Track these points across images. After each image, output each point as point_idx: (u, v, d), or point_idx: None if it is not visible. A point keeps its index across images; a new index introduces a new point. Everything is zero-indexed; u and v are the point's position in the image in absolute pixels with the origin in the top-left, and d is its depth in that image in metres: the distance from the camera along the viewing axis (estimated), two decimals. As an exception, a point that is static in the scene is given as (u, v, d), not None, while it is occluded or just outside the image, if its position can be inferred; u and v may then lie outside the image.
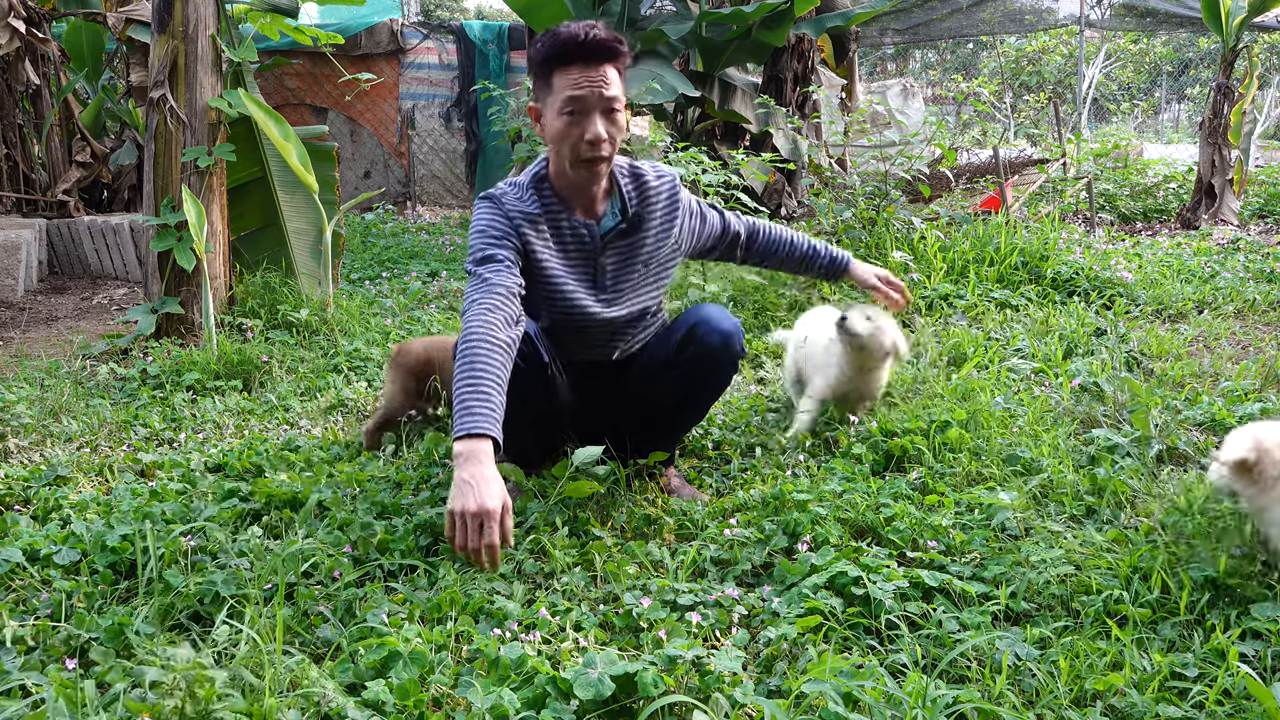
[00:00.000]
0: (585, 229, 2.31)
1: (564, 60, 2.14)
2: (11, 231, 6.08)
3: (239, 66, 4.43)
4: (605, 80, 2.15)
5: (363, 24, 10.24)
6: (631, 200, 2.35)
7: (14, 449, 2.94)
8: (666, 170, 2.44)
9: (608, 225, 2.33)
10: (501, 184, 2.32)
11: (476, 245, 2.21)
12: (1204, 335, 3.91)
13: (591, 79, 2.13)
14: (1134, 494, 2.26)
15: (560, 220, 2.30)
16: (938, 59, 25.59)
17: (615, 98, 2.17)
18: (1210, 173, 7.78)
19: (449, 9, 22.43)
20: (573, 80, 2.13)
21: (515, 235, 2.23)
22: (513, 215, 2.25)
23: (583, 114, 2.15)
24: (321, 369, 3.75)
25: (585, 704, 1.47)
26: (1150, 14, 11.06)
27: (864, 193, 4.99)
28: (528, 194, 2.29)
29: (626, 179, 2.37)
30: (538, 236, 2.27)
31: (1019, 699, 1.54)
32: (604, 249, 2.34)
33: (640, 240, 2.38)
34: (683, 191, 2.47)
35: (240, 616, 1.79)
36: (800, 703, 1.50)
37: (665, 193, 2.40)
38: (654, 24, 8.16)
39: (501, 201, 2.27)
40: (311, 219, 4.70)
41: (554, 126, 2.19)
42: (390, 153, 10.70)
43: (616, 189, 2.35)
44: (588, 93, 2.13)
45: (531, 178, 2.31)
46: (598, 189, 2.33)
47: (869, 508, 2.19)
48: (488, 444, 1.83)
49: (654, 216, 2.38)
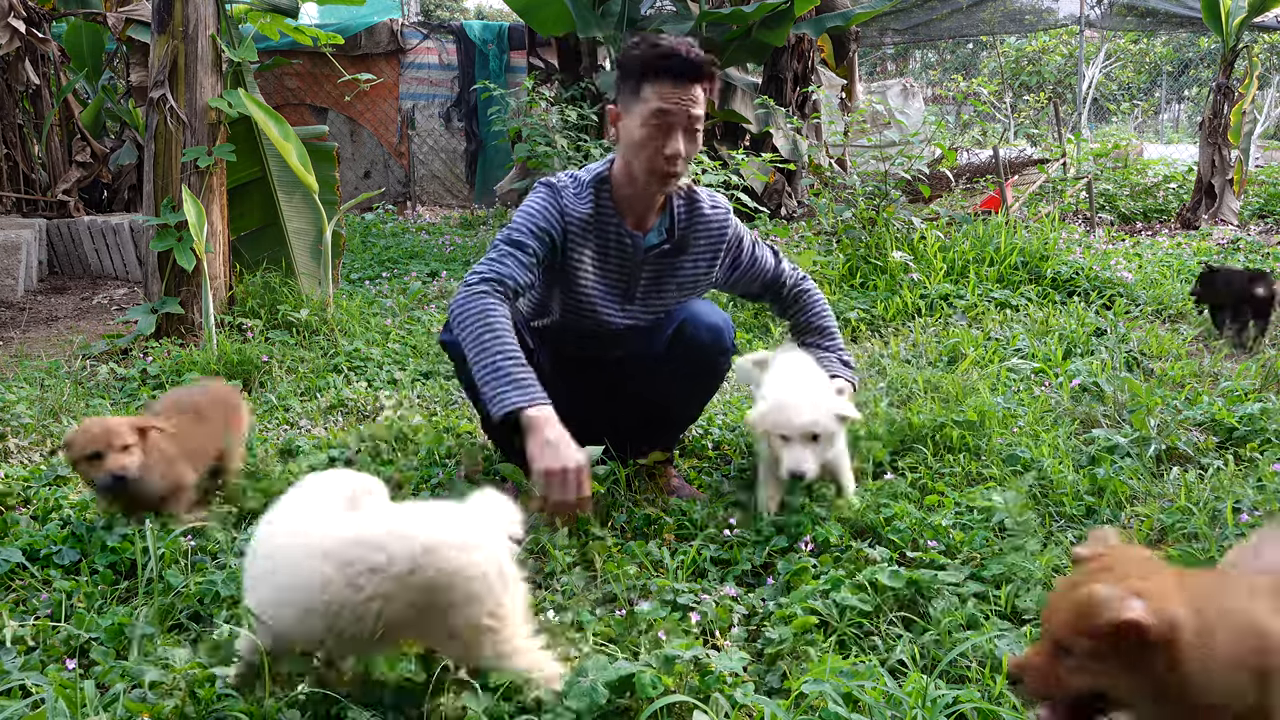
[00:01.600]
0: (630, 239, 2.32)
1: (660, 72, 2.14)
2: (11, 231, 6.08)
3: (239, 66, 4.42)
4: (695, 99, 2.17)
5: (363, 24, 10.24)
6: (681, 222, 2.36)
7: (14, 449, 2.93)
8: (723, 202, 2.44)
9: (652, 241, 2.34)
10: (564, 175, 2.34)
11: (518, 223, 2.24)
12: (1204, 335, 3.91)
13: (683, 96, 2.15)
14: (1134, 494, 2.26)
15: (609, 226, 2.31)
16: (938, 59, 25.58)
17: (700, 117, 2.19)
18: (1210, 173, 7.78)
19: (449, 9, 22.43)
20: (665, 93, 2.14)
21: (560, 230, 2.25)
22: (566, 211, 2.27)
23: (669, 128, 2.16)
24: (321, 369, 3.75)
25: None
26: (1150, 14, 11.06)
27: (864, 193, 4.99)
28: (586, 192, 2.30)
29: (681, 201, 2.37)
30: (582, 237, 2.29)
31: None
32: (643, 263, 2.35)
33: (680, 263, 2.39)
34: (737, 228, 2.45)
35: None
36: (800, 703, 1.50)
37: (717, 223, 2.40)
38: (654, 24, 8.16)
39: (560, 194, 2.29)
40: (311, 219, 4.70)
41: (636, 134, 2.18)
42: (390, 153, 10.70)
43: (669, 208, 2.35)
44: (677, 108, 2.14)
45: (594, 177, 2.31)
46: (655, 203, 2.34)
47: (869, 508, 2.19)
48: (549, 409, 1.95)
49: (699, 243, 2.39)
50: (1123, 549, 1.23)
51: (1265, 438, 2.54)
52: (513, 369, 1.98)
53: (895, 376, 3.26)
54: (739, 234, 2.46)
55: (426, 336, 4.23)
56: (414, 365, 3.83)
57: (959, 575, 1.89)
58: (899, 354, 3.67)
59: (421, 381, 3.63)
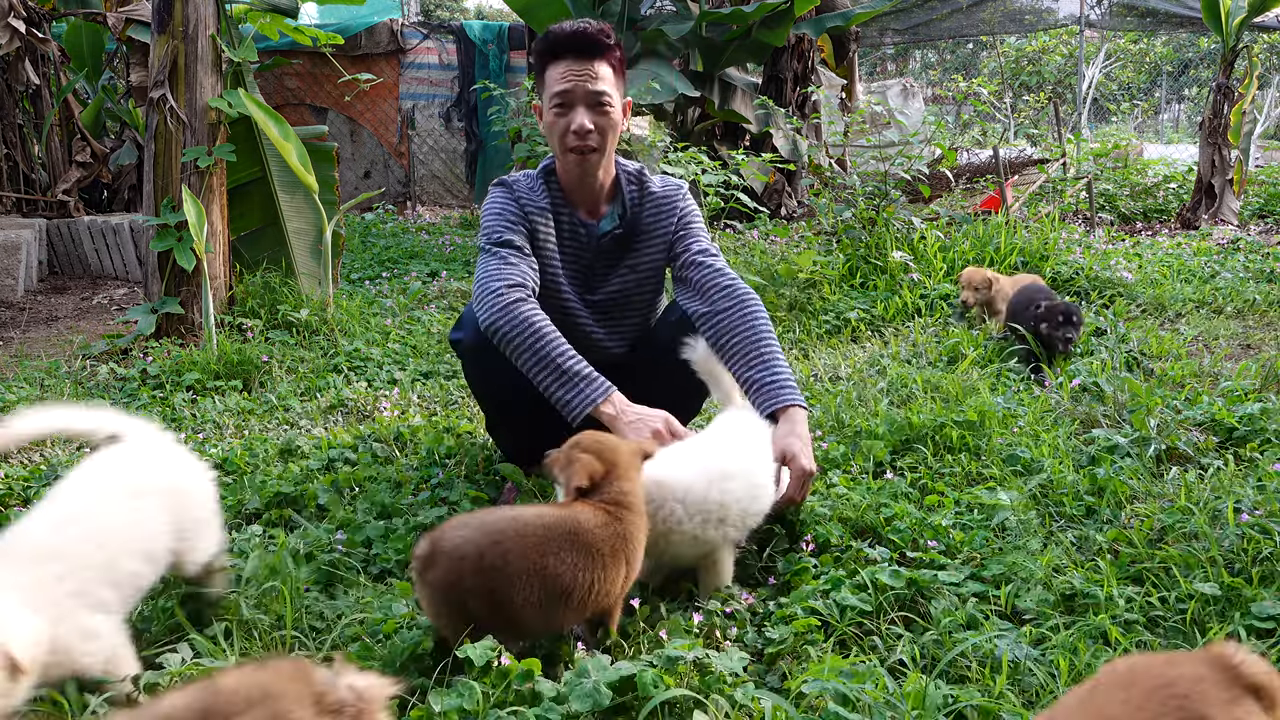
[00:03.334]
0: (584, 228, 2.36)
1: (554, 55, 2.22)
2: (11, 231, 6.08)
3: (239, 66, 4.42)
4: (593, 75, 2.21)
5: (363, 24, 10.24)
6: (632, 205, 2.37)
7: (14, 449, 2.93)
8: (674, 181, 2.46)
9: (605, 227, 2.37)
10: (516, 173, 2.40)
11: (493, 226, 2.28)
12: (1204, 335, 3.91)
13: (578, 72, 2.20)
14: (1134, 494, 2.26)
15: (562, 214, 2.37)
16: (938, 59, 25.58)
17: (603, 92, 2.22)
18: (1210, 173, 7.77)
19: (449, 9, 22.43)
20: (560, 74, 2.21)
21: (526, 221, 2.31)
22: (524, 202, 2.32)
23: (569, 106, 2.22)
24: (321, 369, 3.75)
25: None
26: (1150, 14, 11.06)
27: (864, 193, 4.99)
28: (538, 184, 2.36)
29: (632, 185, 2.40)
30: (544, 226, 2.34)
31: (1019, 699, 1.54)
32: (598, 250, 2.36)
33: (635, 247, 2.40)
34: (686, 202, 2.44)
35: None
36: (800, 702, 1.50)
37: (666, 199, 2.41)
38: (654, 24, 8.16)
39: (514, 188, 2.35)
40: (311, 219, 4.70)
41: (546, 120, 2.28)
42: (390, 153, 10.70)
43: (620, 194, 2.37)
44: (574, 85, 2.20)
45: (542, 169, 2.38)
46: (599, 188, 2.36)
47: (869, 508, 2.19)
48: (615, 394, 2.07)
49: (651, 224, 2.40)
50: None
51: (1265, 438, 2.53)
52: (573, 366, 2.06)
53: (895, 376, 3.26)
54: (690, 207, 2.43)
55: (426, 336, 4.23)
56: (414, 365, 3.83)
57: (959, 575, 1.89)
58: (899, 354, 3.67)
59: (421, 381, 3.63)
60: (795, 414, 2.03)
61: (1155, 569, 1.87)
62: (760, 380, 2.07)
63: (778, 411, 2.03)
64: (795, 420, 2.02)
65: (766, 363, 2.09)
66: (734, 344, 2.13)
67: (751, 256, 5.26)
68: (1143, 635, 1.69)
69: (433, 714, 1.43)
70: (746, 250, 5.51)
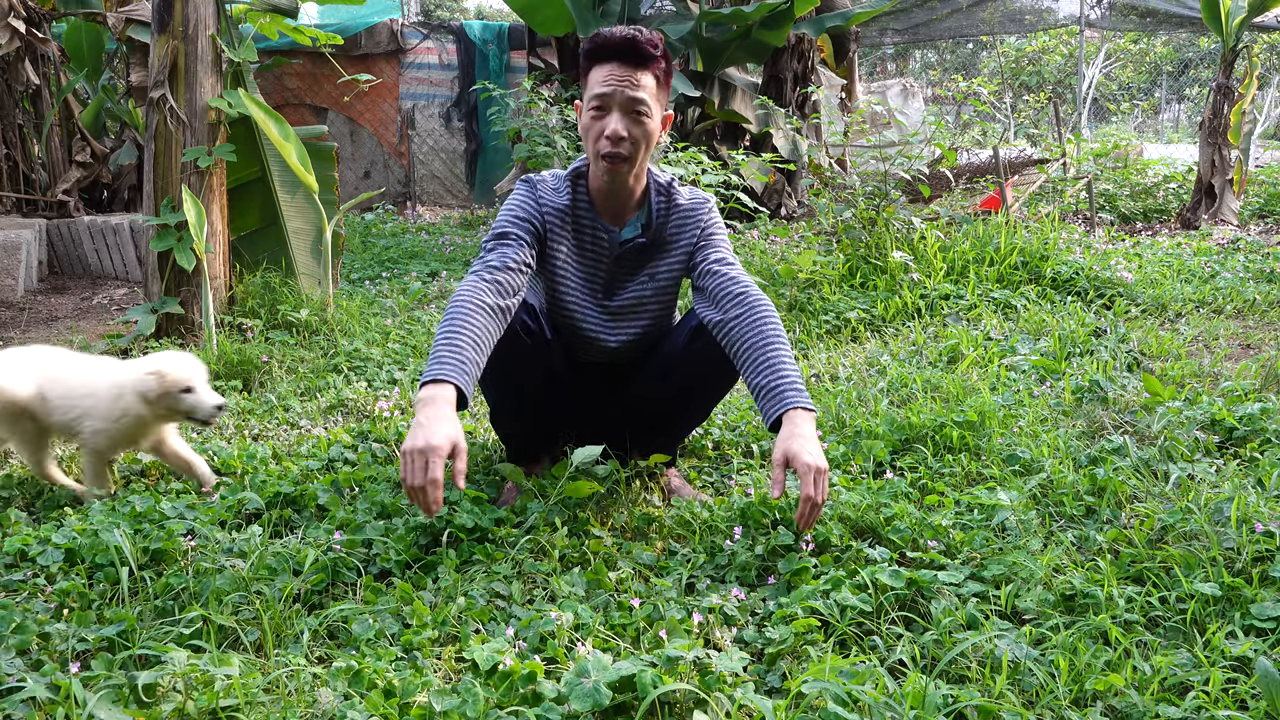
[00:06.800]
0: (605, 234, 2.34)
1: (600, 58, 2.20)
2: (11, 231, 6.08)
3: (239, 66, 4.42)
4: (634, 82, 2.18)
5: (363, 24, 10.25)
6: (658, 217, 2.36)
7: (14, 448, 2.93)
8: (702, 195, 2.43)
9: (627, 235, 2.35)
10: (545, 172, 2.38)
11: (501, 221, 2.28)
12: (1204, 335, 3.91)
13: (620, 78, 2.18)
14: (1134, 494, 2.26)
15: (583, 219, 2.34)
16: (938, 59, 25.58)
17: (642, 100, 2.19)
18: (1210, 173, 7.78)
19: (449, 9, 22.44)
20: (603, 77, 2.19)
21: (540, 221, 2.29)
22: (544, 203, 2.31)
23: (606, 110, 2.20)
24: (321, 369, 3.75)
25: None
26: (1150, 14, 11.07)
27: (864, 193, 4.99)
28: (564, 185, 2.34)
29: (660, 197, 2.37)
30: (561, 229, 2.32)
31: (1019, 699, 1.54)
32: (618, 258, 2.35)
33: (656, 258, 2.38)
34: (711, 215, 2.40)
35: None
36: (800, 703, 1.50)
37: (692, 211, 2.38)
38: (654, 24, 8.16)
39: (537, 187, 2.33)
40: (311, 219, 4.70)
41: (583, 121, 2.26)
42: (390, 153, 10.70)
43: (648, 204, 2.35)
44: (614, 90, 2.18)
45: (572, 171, 2.36)
46: (627, 197, 2.34)
47: (869, 508, 2.19)
48: (449, 389, 1.89)
49: (675, 236, 2.38)
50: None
51: (1265, 438, 2.54)
52: (440, 348, 1.96)
53: (895, 376, 3.26)
54: (714, 220, 2.40)
55: (426, 336, 4.23)
56: (414, 365, 3.82)
57: (959, 575, 1.89)
58: (899, 354, 3.67)
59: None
60: (796, 416, 2.00)
61: (1155, 569, 1.87)
62: (766, 386, 2.05)
63: (781, 416, 2.02)
64: (797, 422, 1.99)
65: (774, 367, 2.07)
66: (744, 351, 2.12)
67: (751, 256, 5.26)
68: (1143, 635, 1.69)
69: (434, 714, 1.43)
70: (746, 250, 5.51)
